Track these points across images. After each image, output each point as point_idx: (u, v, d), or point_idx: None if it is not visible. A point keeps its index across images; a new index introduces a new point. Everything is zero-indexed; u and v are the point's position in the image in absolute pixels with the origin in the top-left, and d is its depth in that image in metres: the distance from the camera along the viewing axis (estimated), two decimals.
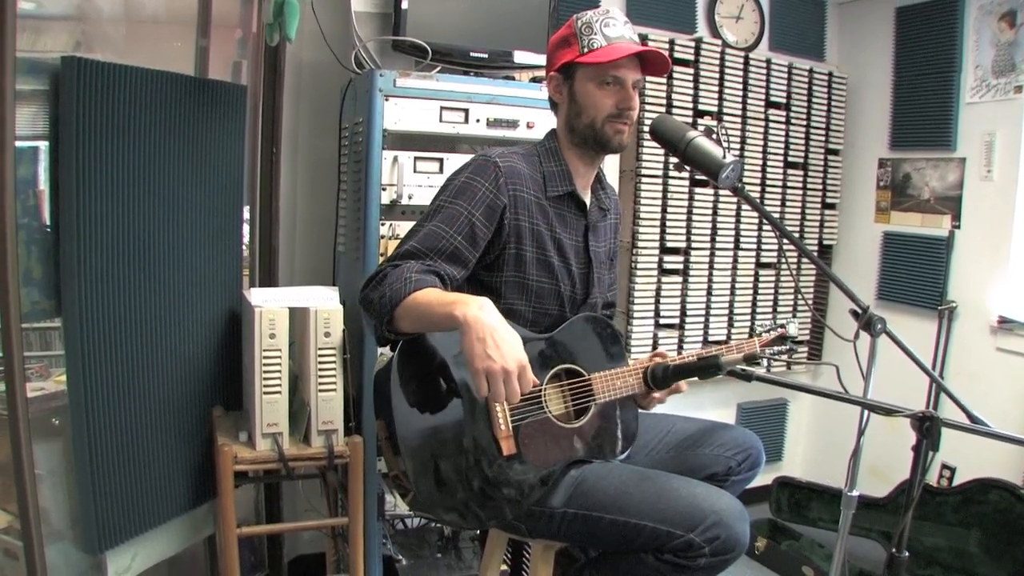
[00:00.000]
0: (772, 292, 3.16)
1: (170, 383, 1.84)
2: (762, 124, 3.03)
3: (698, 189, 2.90)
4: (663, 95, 2.80)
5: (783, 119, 3.08)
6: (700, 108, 2.88)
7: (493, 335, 1.19)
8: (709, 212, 2.96)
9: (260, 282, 2.27)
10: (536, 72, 2.21)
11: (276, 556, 2.39)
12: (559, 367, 1.50)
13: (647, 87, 2.75)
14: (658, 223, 2.84)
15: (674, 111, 2.82)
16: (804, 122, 3.14)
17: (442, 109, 1.99)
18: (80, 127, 1.57)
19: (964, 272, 2.83)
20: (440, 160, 2.02)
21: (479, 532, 2.17)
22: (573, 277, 1.57)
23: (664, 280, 2.89)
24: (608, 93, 1.47)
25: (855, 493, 1.32)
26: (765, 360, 1.86)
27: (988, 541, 2.35)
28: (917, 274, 2.96)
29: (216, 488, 1.84)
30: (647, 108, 2.74)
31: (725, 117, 2.93)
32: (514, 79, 2.19)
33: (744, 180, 2.90)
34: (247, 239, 2.20)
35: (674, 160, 1.46)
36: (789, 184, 3.13)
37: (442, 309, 1.25)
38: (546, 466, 1.42)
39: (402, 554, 2.15)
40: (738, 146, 2.98)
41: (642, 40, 2.56)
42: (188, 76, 1.91)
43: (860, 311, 1.30)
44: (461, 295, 1.28)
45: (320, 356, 1.78)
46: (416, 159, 1.99)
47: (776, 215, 3.03)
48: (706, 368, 1.34)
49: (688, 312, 2.95)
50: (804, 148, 3.15)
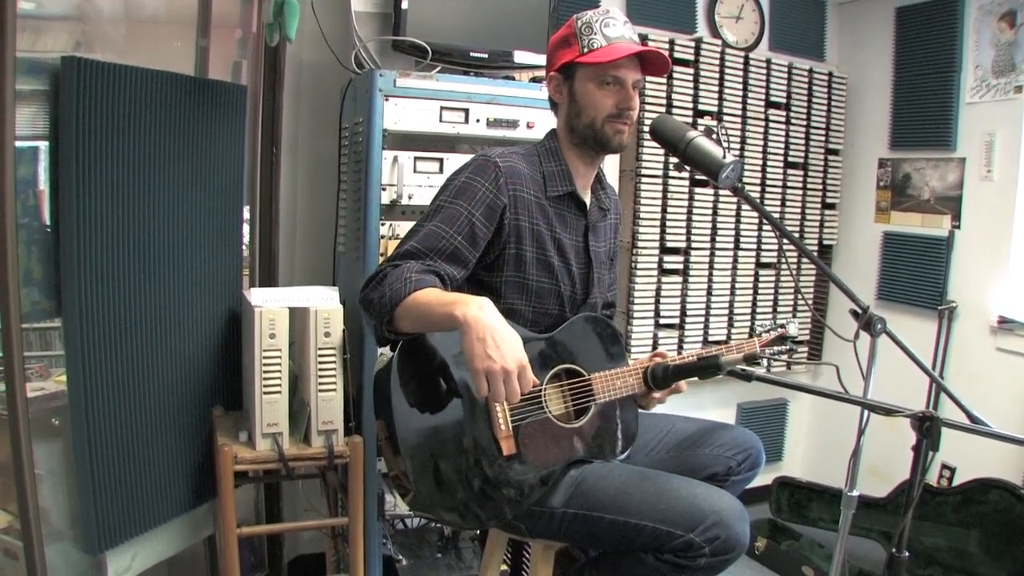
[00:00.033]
0: (772, 292, 3.16)
1: (170, 383, 1.84)
2: (762, 124, 3.03)
3: (698, 189, 2.90)
4: (663, 95, 2.80)
5: (783, 119, 3.08)
6: (700, 108, 2.88)
7: (493, 335, 1.19)
8: (709, 212, 2.96)
9: (260, 282, 2.27)
10: (536, 72, 2.21)
11: (276, 556, 2.39)
12: (559, 367, 1.50)
13: (647, 87, 2.75)
14: (658, 223, 2.84)
15: (674, 111, 2.82)
16: (804, 122, 3.14)
17: (442, 109, 2.00)
18: (80, 127, 1.57)
19: (964, 272, 2.83)
20: (440, 160, 2.02)
21: (479, 532, 2.17)
22: (573, 277, 1.57)
23: (664, 280, 2.89)
24: (608, 93, 1.47)
25: (855, 493, 1.32)
26: (765, 360, 1.86)
27: (988, 541, 2.35)
28: (917, 274, 2.96)
29: (216, 488, 1.84)
30: (647, 108, 2.74)
31: (725, 117, 2.93)
32: (514, 79, 2.19)
33: (744, 180, 2.90)
34: (247, 239, 2.20)
35: (674, 160, 1.46)
36: (789, 184, 3.13)
37: (442, 309, 1.25)
38: (546, 466, 1.42)
39: (402, 554, 2.15)
40: (738, 146, 2.98)
41: (642, 40, 2.56)
42: (188, 76, 1.91)
43: (860, 311, 1.30)
44: (461, 295, 1.28)
45: (320, 356, 1.78)
46: (416, 159, 1.99)
47: (776, 215, 3.03)
48: (706, 368, 1.34)
49: (688, 312, 2.95)
50: (804, 148, 3.15)
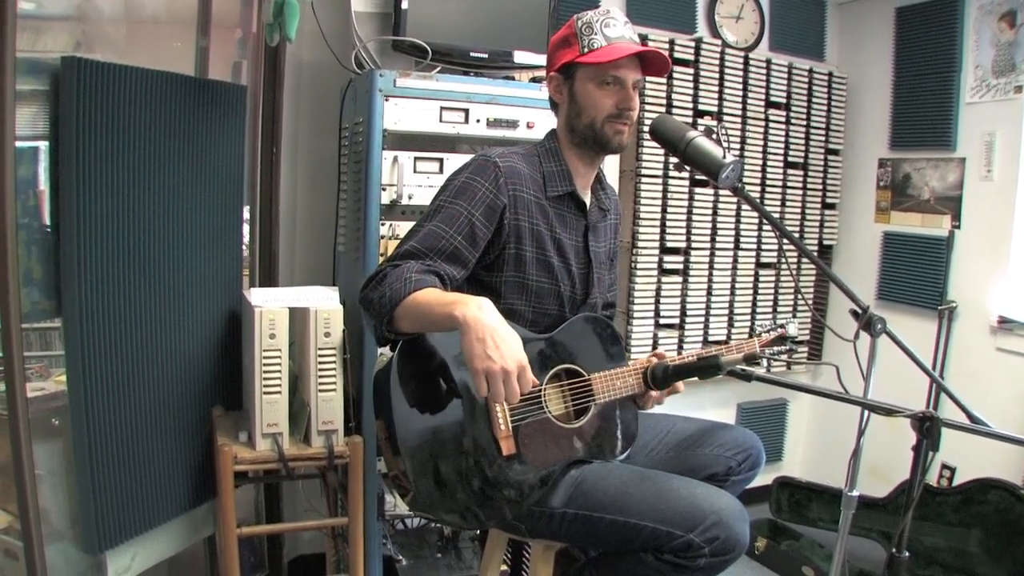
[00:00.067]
0: (772, 292, 3.15)
1: (170, 383, 1.84)
2: (762, 124, 3.03)
3: (698, 189, 2.90)
4: (663, 95, 2.80)
5: (783, 119, 3.08)
6: (700, 108, 2.87)
7: (493, 335, 1.19)
8: (709, 212, 2.96)
9: (260, 282, 2.27)
10: (536, 72, 2.21)
11: (276, 556, 2.39)
12: (559, 367, 1.50)
13: (647, 87, 2.75)
14: (658, 223, 2.84)
15: (674, 111, 2.82)
16: (804, 122, 3.13)
17: (442, 109, 2.00)
18: (80, 127, 1.57)
19: (964, 272, 2.83)
20: (440, 160, 2.02)
21: (479, 532, 2.17)
22: (573, 277, 1.57)
23: (664, 280, 2.89)
24: (608, 93, 1.47)
25: (855, 493, 1.32)
26: (765, 360, 1.86)
27: (988, 541, 2.35)
28: (917, 274, 2.96)
29: (216, 488, 1.84)
30: (647, 108, 2.74)
31: (725, 117, 2.93)
32: (514, 79, 2.19)
33: (744, 180, 2.90)
34: (247, 239, 2.20)
35: (674, 160, 1.46)
36: (789, 184, 3.13)
37: (442, 309, 1.25)
38: (546, 466, 1.42)
39: (402, 554, 2.15)
40: (738, 146, 2.98)
41: (642, 40, 2.55)
42: (188, 76, 1.91)
43: (860, 311, 1.30)
44: (461, 295, 1.28)
45: (320, 356, 1.78)
46: (416, 159, 1.99)
47: (776, 215, 3.03)
48: (706, 368, 1.34)
49: (688, 312, 2.95)
50: (804, 148, 3.15)
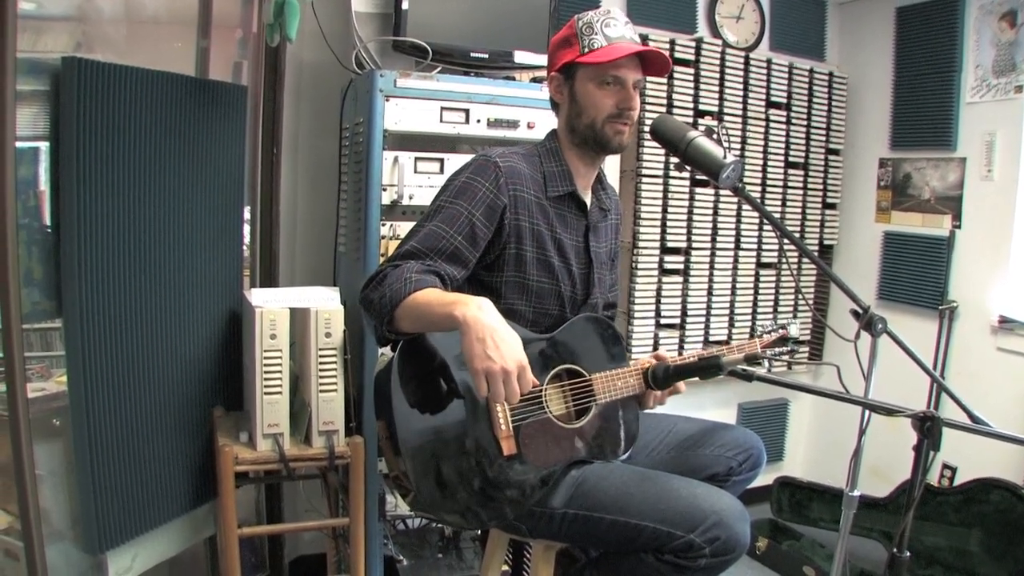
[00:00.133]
0: (773, 292, 3.15)
1: (171, 384, 1.84)
2: (762, 124, 3.03)
3: (699, 189, 2.90)
4: (663, 95, 2.80)
5: (784, 119, 3.08)
6: (701, 108, 2.87)
7: (493, 335, 1.19)
8: (710, 212, 2.95)
9: (260, 282, 2.27)
10: (536, 72, 2.21)
11: (277, 556, 2.39)
12: (560, 367, 1.50)
13: (647, 87, 2.75)
14: (659, 223, 2.84)
15: (675, 111, 2.81)
16: (804, 122, 3.13)
17: (442, 109, 1.99)
18: (80, 127, 1.57)
19: (965, 272, 2.83)
20: (440, 160, 2.02)
21: (480, 532, 2.17)
22: (573, 277, 1.57)
23: (665, 280, 2.89)
24: (608, 93, 1.47)
25: (856, 493, 1.32)
26: (766, 360, 1.86)
27: (989, 541, 2.35)
28: (918, 274, 2.96)
29: (217, 488, 1.84)
30: (647, 108, 2.74)
31: (726, 117, 2.93)
32: (514, 79, 2.19)
33: (745, 180, 2.87)
34: (247, 239, 2.20)
35: (675, 160, 1.46)
36: (790, 184, 3.13)
37: (442, 309, 1.25)
38: (547, 466, 1.42)
39: (403, 554, 2.15)
40: (738, 146, 2.98)
41: (643, 40, 2.55)
42: (188, 76, 1.91)
43: (861, 311, 1.30)
44: (461, 295, 1.28)
45: (321, 356, 1.78)
46: (417, 159, 1.99)
47: (777, 215, 3.03)
48: (707, 368, 1.34)
49: (689, 312, 2.94)
50: (804, 148, 3.15)
